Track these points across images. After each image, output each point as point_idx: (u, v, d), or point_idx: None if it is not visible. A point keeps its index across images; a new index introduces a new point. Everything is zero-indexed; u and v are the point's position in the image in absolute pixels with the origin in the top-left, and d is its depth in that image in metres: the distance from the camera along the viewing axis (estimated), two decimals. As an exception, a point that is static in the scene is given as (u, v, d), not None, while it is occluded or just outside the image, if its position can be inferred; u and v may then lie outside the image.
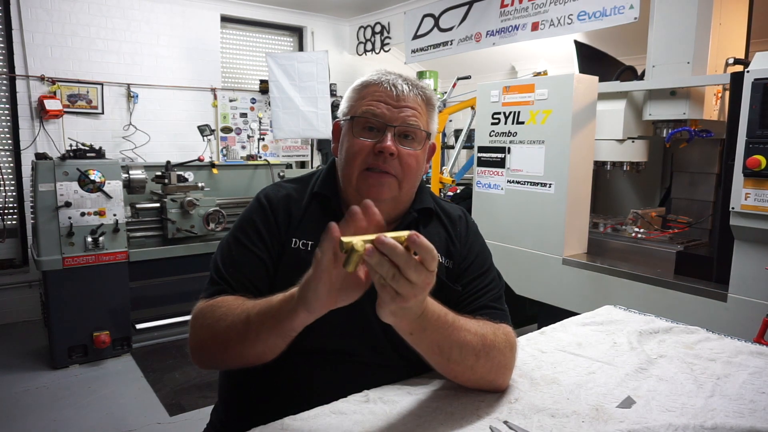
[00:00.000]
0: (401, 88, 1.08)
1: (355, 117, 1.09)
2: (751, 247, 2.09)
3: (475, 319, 1.00)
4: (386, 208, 1.10)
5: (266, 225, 1.11)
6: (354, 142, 1.08)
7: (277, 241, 1.10)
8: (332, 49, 5.71)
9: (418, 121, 1.08)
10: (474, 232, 1.23)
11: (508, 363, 1.03)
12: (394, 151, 1.05)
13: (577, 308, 2.43)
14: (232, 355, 0.94)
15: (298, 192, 1.17)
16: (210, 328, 0.97)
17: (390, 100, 1.07)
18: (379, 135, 1.07)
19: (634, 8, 3.23)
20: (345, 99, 1.15)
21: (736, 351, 1.25)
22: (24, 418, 2.82)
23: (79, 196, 3.34)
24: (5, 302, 4.21)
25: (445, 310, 0.91)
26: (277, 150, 5.54)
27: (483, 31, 4.28)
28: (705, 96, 2.52)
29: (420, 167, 1.12)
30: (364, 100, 1.09)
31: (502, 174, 3.03)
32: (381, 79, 1.10)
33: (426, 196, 1.21)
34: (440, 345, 0.91)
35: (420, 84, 1.12)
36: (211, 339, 0.97)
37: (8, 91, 4.25)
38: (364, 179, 1.07)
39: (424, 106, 1.11)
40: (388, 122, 1.06)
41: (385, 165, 1.05)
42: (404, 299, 0.75)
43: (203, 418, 1.26)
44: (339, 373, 1.06)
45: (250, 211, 1.14)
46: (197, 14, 5.03)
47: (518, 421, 0.93)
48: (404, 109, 1.07)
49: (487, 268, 1.19)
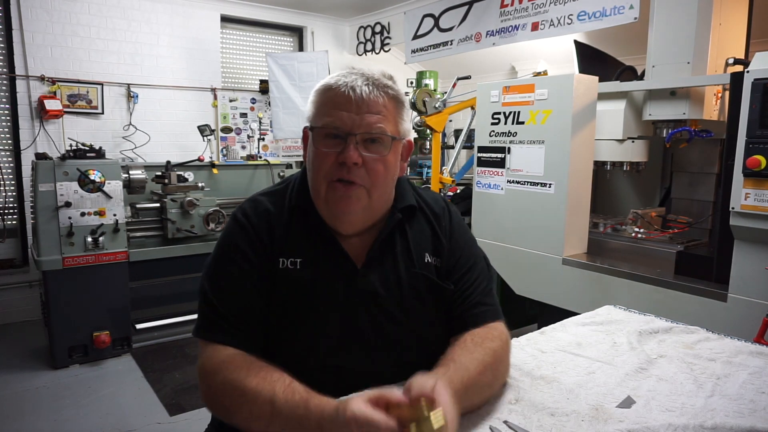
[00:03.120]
0: (361, 91, 1.01)
1: (315, 128, 1.04)
2: (751, 247, 2.09)
3: (467, 348, 1.02)
4: (359, 218, 1.08)
5: (251, 246, 1.06)
6: (317, 153, 1.03)
7: (266, 260, 1.06)
8: (332, 49, 5.71)
9: (384, 125, 1.02)
10: (458, 222, 1.21)
11: (506, 360, 1.10)
12: (357, 161, 1.00)
13: (577, 308, 2.43)
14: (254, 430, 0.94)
15: (276, 206, 1.11)
16: (229, 409, 0.95)
17: (350, 105, 1.01)
18: (343, 143, 1.01)
19: (634, 8, 3.23)
20: (309, 102, 1.08)
21: (736, 351, 1.25)
22: (24, 418, 2.82)
23: (79, 196, 3.34)
24: (5, 302, 4.21)
25: (456, 384, 0.91)
26: (277, 150, 5.54)
27: (483, 31, 4.28)
28: (705, 96, 2.52)
29: (390, 171, 1.07)
30: (325, 107, 1.03)
31: (502, 174, 3.03)
32: (340, 81, 1.02)
33: (407, 193, 1.17)
34: (465, 407, 0.95)
35: (384, 82, 1.05)
36: (231, 411, 0.95)
37: (8, 91, 4.25)
38: (332, 191, 1.03)
39: (391, 106, 1.05)
40: (349, 131, 1.01)
41: (350, 175, 1.01)
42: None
43: (203, 418, 1.26)
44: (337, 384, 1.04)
45: (231, 234, 1.09)
46: (197, 14, 5.03)
47: (518, 421, 0.93)
48: (366, 115, 1.01)
49: (474, 260, 1.18)
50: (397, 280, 1.10)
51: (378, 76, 1.06)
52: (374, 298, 1.08)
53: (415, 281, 1.11)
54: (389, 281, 1.10)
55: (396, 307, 1.09)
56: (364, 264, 1.09)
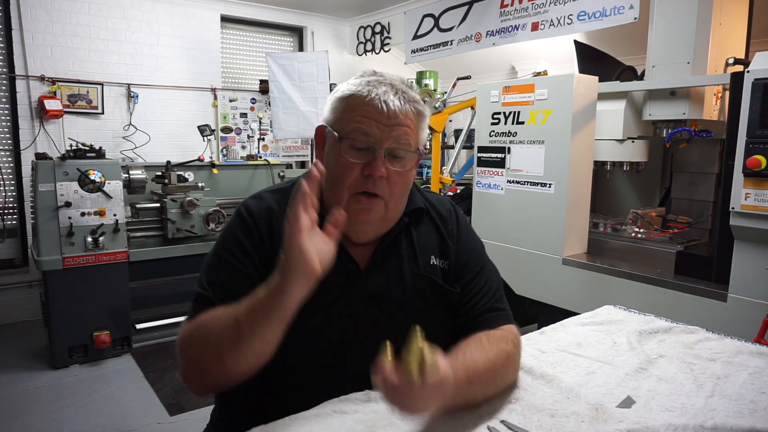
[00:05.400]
0: (393, 105, 1.00)
1: (343, 138, 1.02)
2: (751, 247, 2.09)
3: (482, 345, 1.02)
4: (375, 228, 1.09)
5: (250, 239, 1.06)
6: (341, 162, 1.02)
7: (264, 255, 1.05)
8: (332, 49, 5.71)
9: (410, 140, 1.03)
10: (465, 226, 1.22)
11: (517, 366, 1.11)
12: (384, 174, 1.00)
13: (577, 308, 2.43)
14: (229, 364, 0.89)
15: (280, 204, 1.09)
16: (198, 345, 0.93)
17: (381, 117, 1.00)
18: (369, 155, 1.01)
19: (634, 8, 3.23)
20: (330, 107, 1.07)
21: (736, 351, 1.25)
22: (24, 418, 2.82)
23: (79, 196, 3.34)
24: (5, 302, 4.21)
25: (459, 372, 0.92)
26: (277, 150, 5.54)
27: (483, 31, 4.28)
28: (705, 96, 2.52)
29: (408, 184, 1.09)
30: (353, 114, 1.01)
31: (502, 174, 3.03)
32: (372, 93, 1.01)
33: (415, 197, 1.18)
34: (467, 399, 0.96)
35: (412, 95, 1.05)
36: (202, 355, 0.92)
37: (8, 91, 4.24)
38: (354, 203, 1.03)
39: (416, 121, 1.05)
40: (378, 144, 1.00)
41: (375, 188, 1.01)
42: (409, 414, 0.85)
43: (203, 418, 1.26)
44: (337, 385, 1.04)
45: (232, 227, 1.09)
46: (197, 14, 5.03)
47: (518, 421, 0.93)
48: (395, 127, 1.00)
49: (483, 264, 1.18)
50: (400, 281, 1.10)
51: (405, 87, 1.05)
52: (376, 299, 1.08)
53: (420, 283, 1.11)
54: (392, 282, 1.10)
55: (398, 308, 1.09)
56: (367, 264, 1.09)
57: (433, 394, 0.82)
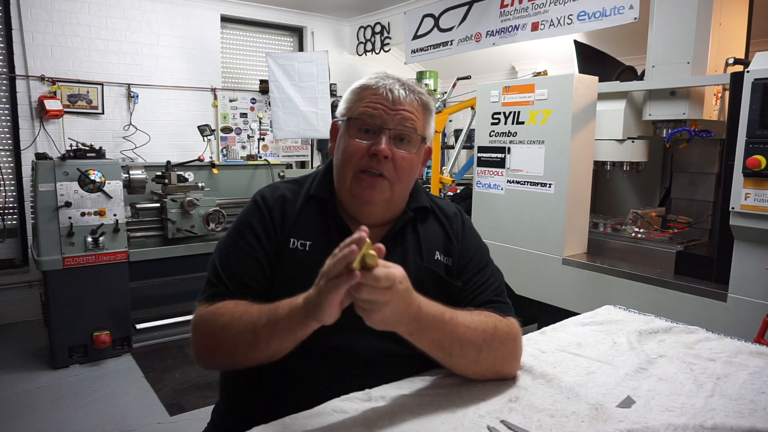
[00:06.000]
0: (398, 92, 1.09)
1: (351, 118, 1.10)
2: (751, 247, 2.09)
3: (476, 312, 1.04)
4: (379, 210, 1.13)
5: (263, 226, 1.12)
6: (349, 143, 1.09)
7: (275, 242, 1.11)
8: (332, 49, 5.71)
9: (414, 125, 1.10)
10: (470, 228, 1.25)
11: (513, 352, 1.09)
12: (388, 154, 1.07)
13: (577, 308, 2.43)
14: (240, 360, 0.97)
15: (293, 193, 1.18)
16: (215, 336, 0.99)
17: (386, 103, 1.09)
18: (375, 137, 1.08)
19: (634, 8, 3.23)
20: (343, 100, 1.16)
21: (736, 351, 1.25)
22: (24, 418, 2.82)
23: (79, 196, 3.34)
24: (5, 302, 4.21)
25: (441, 309, 0.95)
26: (277, 150, 5.54)
27: (483, 31, 4.28)
28: (705, 96, 2.52)
29: (413, 170, 1.14)
30: (362, 102, 1.10)
31: (502, 174, 3.03)
32: (379, 83, 1.11)
33: (421, 196, 1.23)
34: (440, 343, 0.97)
35: (417, 89, 1.14)
36: (215, 347, 0.99)
37: (8, 91, 4.25)
38: (357, 181, 1.09)
39: (421, 110, 1.12)
40: (383, 124, 1.08)
41: (379, 167, 1.07)
42: (368, 315, 0.84)
43: (203, 418, 1.26)
44: (341, 371, 1.06)
45: (247, 213, 1.16)
46: (197, 14, 5.03)
47: (518, 421, 0.93)
48: (400, 111, 1.09)
49: (486, 263, 1.21)
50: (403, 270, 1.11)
51: (412, 83, 1.15)
52: None
53: (422, 274, 1.13)
54: None
55: None
56: None
57: (384, 290, 0.81)
